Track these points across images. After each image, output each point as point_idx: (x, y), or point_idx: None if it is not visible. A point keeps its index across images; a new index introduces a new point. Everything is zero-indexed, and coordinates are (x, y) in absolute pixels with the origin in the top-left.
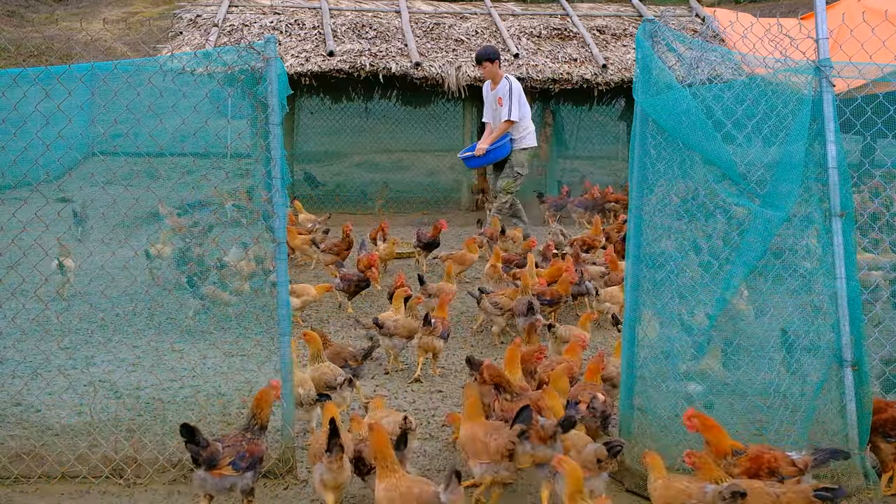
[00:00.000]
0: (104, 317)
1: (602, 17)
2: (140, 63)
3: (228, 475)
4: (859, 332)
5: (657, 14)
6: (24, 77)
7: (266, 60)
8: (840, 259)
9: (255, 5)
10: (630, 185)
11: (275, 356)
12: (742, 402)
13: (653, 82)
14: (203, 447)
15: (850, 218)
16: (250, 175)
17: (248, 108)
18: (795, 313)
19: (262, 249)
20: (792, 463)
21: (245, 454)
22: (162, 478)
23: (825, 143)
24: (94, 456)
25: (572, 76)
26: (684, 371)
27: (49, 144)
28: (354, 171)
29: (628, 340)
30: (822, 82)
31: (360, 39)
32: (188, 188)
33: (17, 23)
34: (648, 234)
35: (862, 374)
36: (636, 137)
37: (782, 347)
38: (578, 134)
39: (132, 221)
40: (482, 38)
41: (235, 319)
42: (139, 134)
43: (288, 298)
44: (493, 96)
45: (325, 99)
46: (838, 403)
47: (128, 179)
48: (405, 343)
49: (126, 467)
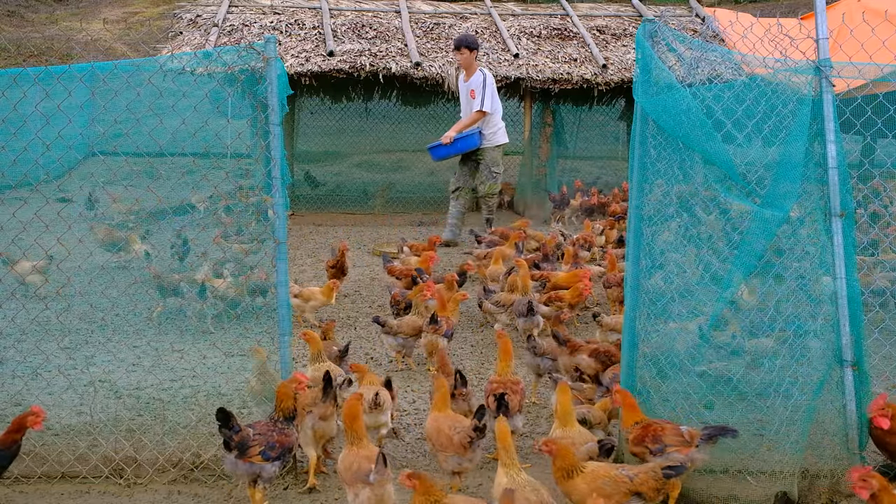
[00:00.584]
0: (104, 317)
1: (602, 17)
2: (140, 63)
3: (257, 463)
4: (859, 332)
5: (657, 14)
6: (24, 77)
7: (266, 60)
8: (840, 259)
9: (255, 5)
10: (630, 185)
11: (275, 356)
12: (742, 402)
13: (653, 82)
14: (235, 432)
15: (850, 218)
16: (250, 175)
17: (248, 108)
18: (795, 313)
19: (239, 268)
20: (679, 434)
21: (275, 444)
22: (162, 478)
23: (825, 143)
24: (94, 456)
25: (572, 76)
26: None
27: (49, 144)
28: (354, 171)
29: (629, 340)
30: (822, 82)
31: (360, 39)
32: (188, 188)
33: (17, 23)
34: (648, 234)
35: (862, 374)
36: (636, 137)
37: (782, 347)
38: (578, 134)
39: (132, 221)
40: (482, 38)
41: (236, 319)
42: (139, 134)
43: (288, 298)
44: (465, 88)
45: (325, 99)
46: (838, 403)
47: (128, 179)
48: (414, 341)
49: (126, 467)
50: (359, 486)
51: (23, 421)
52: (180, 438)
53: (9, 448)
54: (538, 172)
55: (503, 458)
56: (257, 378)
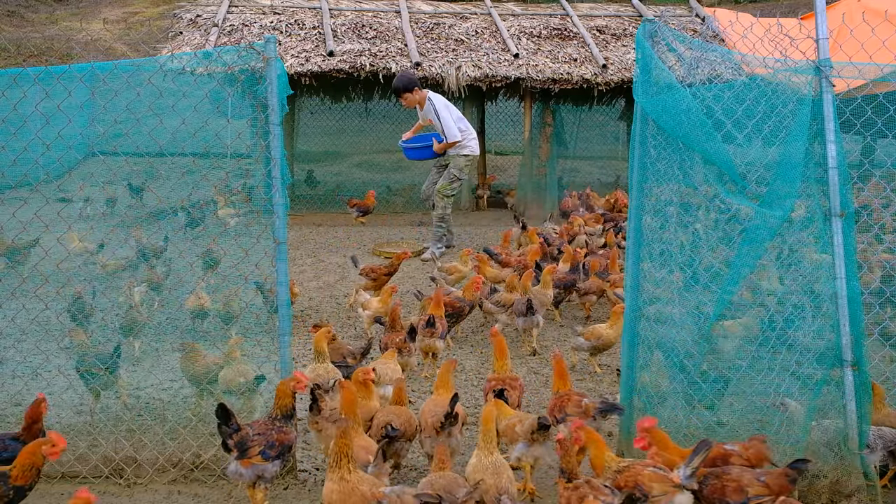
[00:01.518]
0: (104, 317)
1: (602, 17)
2: (140, 63)
3: (258, 464)
4: (859, 332)
5: (657, 14)
6: (24, 77)
7: (266, 60)
8: (840, 259)
9: (255, 5)
10: (630, 184)
11: (275, 356)
12: (742, 402)
13: (653, 82)
14: (234, 431)
15: (850, 218)
16: (250, 175)
17: (248, 108)
18: (795, 313)
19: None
20: (579, 405)
21: (275, 443)
22: (162, 478)
23: (825, 143)
24: (94, 456)
25: (572, 76)
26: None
27: (49, 144)
28: (354, 171)
29: (629, 341)
30: (822, 82)
31: (360, 39)
32: (188, 188)
33: (17, 23)
34: (648, 234)
35: (862, 374)
36: (636, 137)
37: (782, 347)
38: (578, 134)
39: (132, 221)
40: (482, 38)
41: (236, 320)
42: (139, 134)
43: (288, 298)
44: (423, 118)
45: (325, 99)
46: (838, 403)
47: (128, 179)
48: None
49: (126, 467)
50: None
51: (38, 410)
52: (180, 438)
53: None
54: (538, 172)
55: (480, 442)
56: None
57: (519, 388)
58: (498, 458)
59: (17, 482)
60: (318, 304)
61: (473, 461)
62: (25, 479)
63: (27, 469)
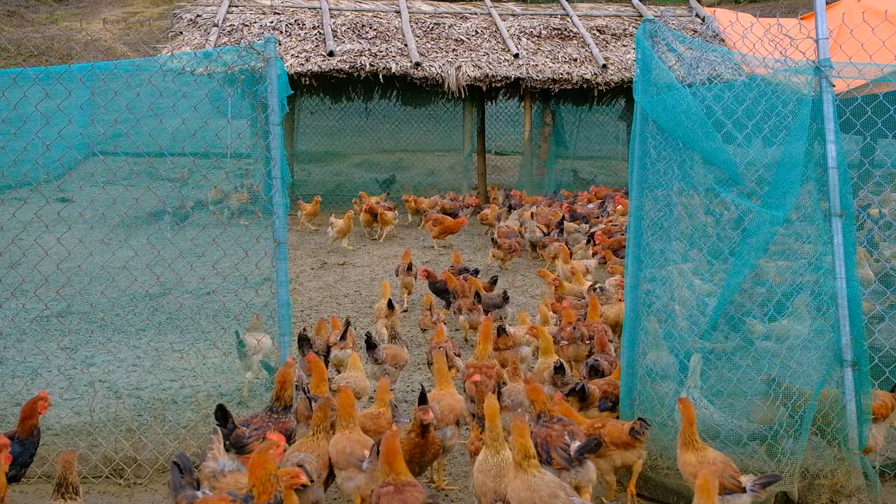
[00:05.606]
0: (104, 317)
1: (602, 17)
2: (140, 63)
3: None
4: (859, 332)
5: (657, 14)
6: (24, 77)
7: (266, 60)
8: (840, 259)
9: (255, 5)
10: (630, 185)
11: (275, 356)
12: (742, 402)
13: (653, 82)
14: (230, 431)
15: (850, 218)
16: (250, 175)
17: (248, 108)
18: (795, 312)
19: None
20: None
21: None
22: (162, 478)
23: (825, 143)
24: (94, 456)
25: (572, 76)
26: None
27: (49, 144)
28: (354, 171)
29: (629, 341)
30: (822, 82)
31: (360, 39)
32: (188, 188)
33: (17, 23)
34: (648, 234)
35: (862, 374)
36: (636, 137)
37: (782, 347)
38: (578, 134)
39: (132, 221)
40: (482, 38)
41: (236, 319)
42: (139, 134)
43: (288, 298)
44: None
45: (325, 99)
46: (838, 403)
47: (128, 179)
48: (398, 372)
49: (126, 467)
50: (352, 471)
51: (33, 406)
52: (180, 438)
53: (31, 435)
54: (538, 172)
55: (486, 438)
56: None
57: (494, 376)
58: (505, 457)
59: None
60: (318, 304)
61: (480, 458)
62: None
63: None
